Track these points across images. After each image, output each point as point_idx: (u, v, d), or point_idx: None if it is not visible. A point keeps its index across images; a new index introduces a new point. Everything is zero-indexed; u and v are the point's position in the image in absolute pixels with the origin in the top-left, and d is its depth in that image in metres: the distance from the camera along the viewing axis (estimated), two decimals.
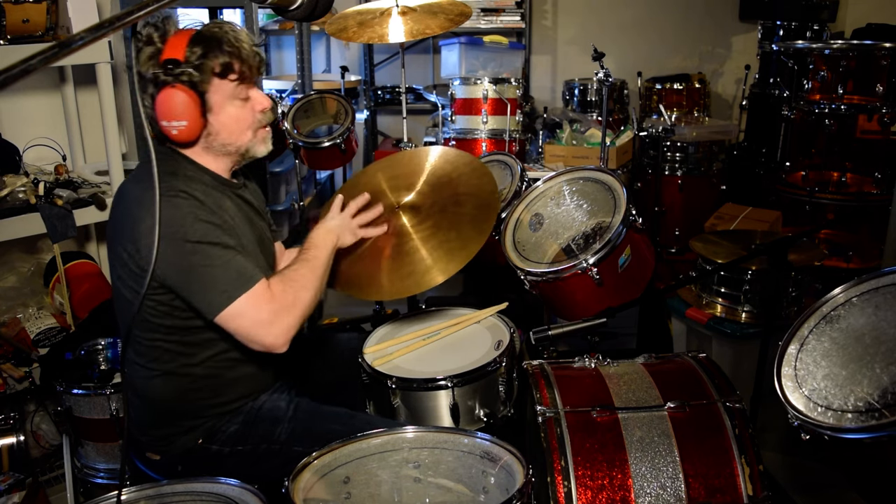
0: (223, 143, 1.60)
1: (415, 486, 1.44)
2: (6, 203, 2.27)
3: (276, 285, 1.55)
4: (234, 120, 1.58)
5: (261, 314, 1.50)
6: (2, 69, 0.72)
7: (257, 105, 1.62)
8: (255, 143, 1.65)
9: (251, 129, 1.62)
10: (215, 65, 1.51)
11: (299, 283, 1.58)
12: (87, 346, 2.25)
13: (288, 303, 1.54)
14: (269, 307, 1.51)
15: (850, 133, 3.42)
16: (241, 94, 1.58)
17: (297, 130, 3.00)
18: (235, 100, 1.57)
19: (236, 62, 1.53)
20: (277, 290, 1.54)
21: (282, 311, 1.52)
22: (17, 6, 2.25)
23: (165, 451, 1.65)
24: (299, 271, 1.61)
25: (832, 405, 1.25)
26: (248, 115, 1.60)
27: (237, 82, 1.56)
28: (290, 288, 1.56)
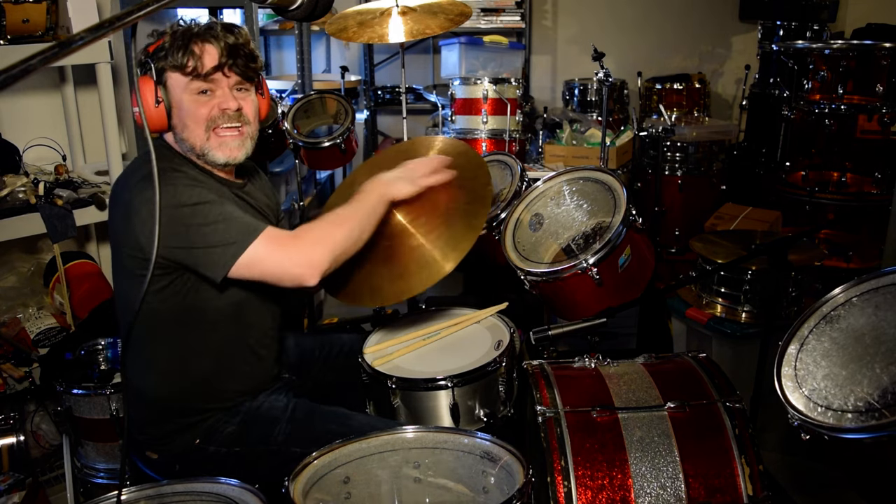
0: (182, 139, 1.61)
1: (415, 486, 1.44)
2: (6, 203, 2.27)
3: (300, 229, 1.56)
4: (188, 114, 1.58)
5: (280, 252, 1.50)
6: (2, 69, 0.72)
7: (219, 104, 1.59)
8: (209, 147, 1.60)
9: (203, 125, 1.58)
10: (171, 59, 1.55)
11: (329, 220, 1.58)
12: (87, 346, 2.25)
13: (313, 238, 1.53)
14: (289, 243, 1.51)
15: (850, 133, 3.42)
16: (197, 89, 1.57)
17: (297, 130, 3.00)
18: (191, 94, 1.57)
19: (189, 58, 1.54)
20: (301, 230, 1.55)
21: (305, 245, 1.52)
22: (17, 6, 2.25)
23: (163, 450, 1.66)
24: (334, 212, 1.61)
25: (832, 405, 1.25)
26: (203, 111, 1.57)
27: (190, 77, 1.56)
28: (318, 225, 1.56)
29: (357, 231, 1.60)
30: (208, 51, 1.55)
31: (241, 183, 1.73)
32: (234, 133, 1.61)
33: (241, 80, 1.61)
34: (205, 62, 1.55)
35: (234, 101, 1.60)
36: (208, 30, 1.56)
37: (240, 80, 1.61)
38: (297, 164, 3.19)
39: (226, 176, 1.69)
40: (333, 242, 1.54)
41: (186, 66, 1.55)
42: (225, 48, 1.56)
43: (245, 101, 1.62)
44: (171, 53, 1.54)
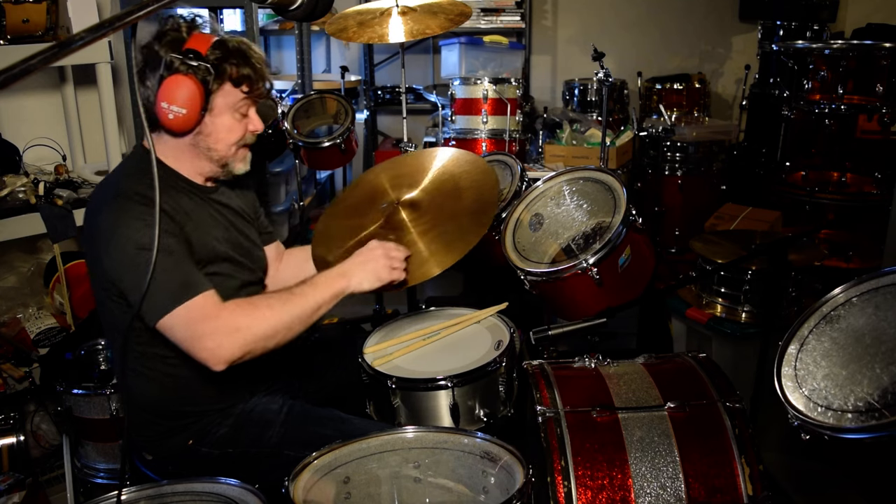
0: (209, 147, 1.61)
1: (415, 486, 1.44)
2: (6, 203, 2.27)
3: (231, 306, 1.49)
4: (227, 129, 1.59)
5: (196, 329, 1.45)
6: (2, 69, 0.72)
7: (251, 125, 1.64)
8: (235, 159, 1.65)
9: (237, 144, 1.63)
10: (233, 71, 1.54)
11: (260, 312, 1.49)
12: (87, 346, 2.26)
13: (232, 326, 1.45)
14: (208, 324, 1.45)
15: (850, 133, 3.42)
16: (242, 109, 1.60)
17: (297, 130, 3.00)
18: (236, 112, 1.59)
19: (254, 78, 1.57)
20: (228, 309, 1.47)
21: (221, 331, 1.44)
22: (17, 6, 2.26)
23: (157, 451, 1.66)
24: (271, 301, 1.52)
25: (832, 405, 1.25)
26: (239, 130, 1.62)
27: (245, 96, 1.58)
28: (243, 312, 1.48)
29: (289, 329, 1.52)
30: (266, 75, 1.60)
31: (213, 188, 1.72)
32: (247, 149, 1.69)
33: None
34: (263, 86, 1.59)
35: (262, 123, 1.66)
36: (250, 48, 1.58)
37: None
38: (297, 164, 3.19)
39: (200, 181, 1.69)
40: (252, 337, 1.47)
41: (252, 85, 1.57)
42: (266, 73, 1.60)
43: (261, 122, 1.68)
44: (231, 65, 1.53)
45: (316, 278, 1.60)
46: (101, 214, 1.51)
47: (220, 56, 1.52)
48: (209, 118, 1.57)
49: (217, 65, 1.52)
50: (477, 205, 1.89)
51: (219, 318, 1.46)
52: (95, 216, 1.53)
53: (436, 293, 3.92)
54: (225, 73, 1.54)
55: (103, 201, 1.53)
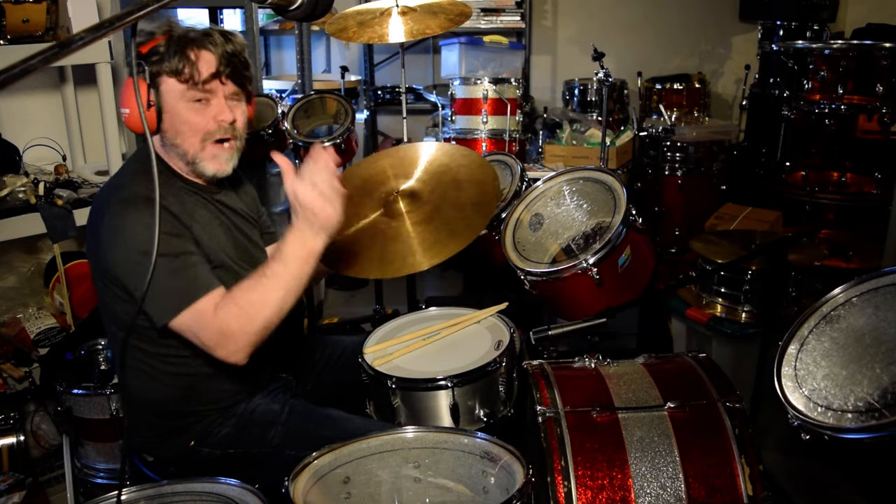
0: (173, 143, 1.59)
1: (415, 486, 1.44)
2: (6, 203, 2.27)
3: (220, 310, 1.46)
4: (183, 122, 1.56)
5: (202, 336, 1.46)
6: (2, 69, 0.72)
7: (216, 115, 1.58)
8: (203, 157, 1.59)
9: (199, 136, 1.58)
10: (168, 64, 1.52)
11: (242, 309, 1.46)
12: (87, 346, 2.26)
13: (229, 331, 1.45)
14: (211, 331, 1.46)
15: (850, 133, 3.42)
16: (193, 97, 1.55)
17: (297, 130, 3.00)
18: (187, 101, 1.55)
19: (186, 65, 1.52)
20: (220, 315, 1.46)
21: (226, 337, 1.45)
22: (17, 6, 2.25)
23: (158, 452, 1.66)
24: (249, 295, 1.46)
25: (832, 405, 1.25)
26: (199, 120, 1.57)
27: (187, 84, 1.54)
28: (231, 314, 1.45)
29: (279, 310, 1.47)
30: (205, 58, 1.54)
31: (216, 189, 1.71)
32: (226, 147, 1.62)
33: (235, 88, 1.60)
34: (201, 70, 1.54)
35: (230, 112, 1.59)
36: (206, 36, 1.55)
37: (235, 89, 1.60)
38: (297, 165, 3.19)
39: (203, 182, 1.68)
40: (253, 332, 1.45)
41: (183, 72, 1.53)
42: (222, 56, 1.55)
43: (238, 111, 1.62)
44: (166, 57, 1.52)
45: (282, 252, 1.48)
46: (106, 217, 1.51)
47: (161, 52, 1.53)
48: (167, 116, 1.56)
49: (156, 60, 1.52)
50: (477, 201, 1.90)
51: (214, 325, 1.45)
52: (100, 218, 1.53)
53: (436, 293, 3.92)
54: (162, 66, 1.53)
55: (108, 203, 1.53)
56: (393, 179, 2.05)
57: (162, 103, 1.55)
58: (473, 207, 1.91)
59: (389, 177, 2.06)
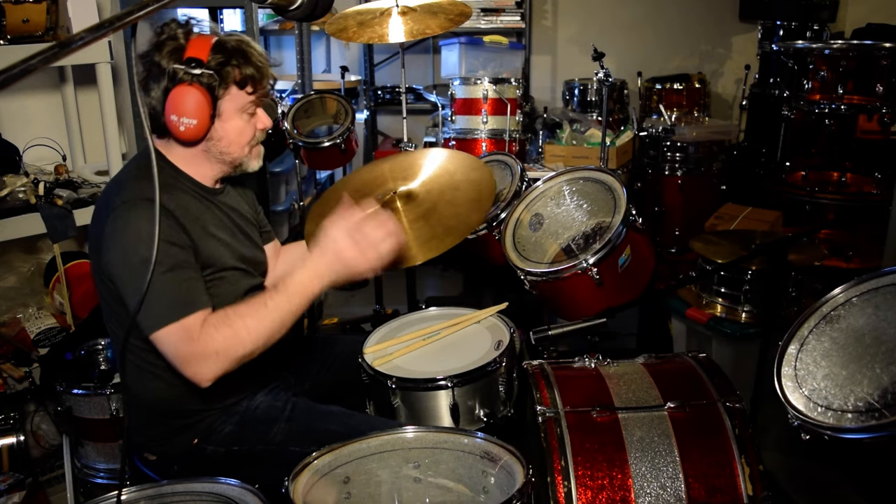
0: (221, 151, 1.61)
1: (415, 486, 1.44)
2: (6, 203, 2.27)
3: (208, 328, 1.45)
4: (237, 131, 1.60)
5: (180, 350, 1.45)
6: (2, 69, 0.72)
7: (259, 123, 1.64)
8: (249, 157, 1.67)
9: (249, 144, 1.64)
10: (237, 74, 1.53)
11: (235, 334, 1.46)
12: (87, 346, 2.25)
13: (211, 351, 1.44)
14: (190, 348, 1.44)
15: (850, 133, 3.42)
16: (250, 110, 1.60)
17: (297, 130, 3.00)
18: (244, 113, 1.59)
19: (258, 77, 1.56)
20: (206, 333, 1.44)
21: (203, 357, 1.44)
22: (17, 6, 2.25)
23: (161, 451, 1.66)
24: (244, 322, 1.46)
25: (832, 405, 1.25)
26: (250, 130, 1.62)
27: (252, 96, 1.58)
28: (220, 336, 1.45)
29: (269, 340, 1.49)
30: (268, 73, 1.59)
31: (220, 189, 1.72)
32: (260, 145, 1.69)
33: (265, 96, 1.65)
34: (266, 83, 1.58)
35: (269, 119, 1.66)
36: (250, 45, 1.56)
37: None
38: (297, 164, 3.19)
39: (209, 184, 1.68)
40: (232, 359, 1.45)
41: (255, 85, 1.56)
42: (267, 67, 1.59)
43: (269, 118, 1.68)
44: (233, 67, 1.52)
45: (288, 286, 1.51)
46: (108, 220, 1.50)
47: (221, 60, 1.51)
48: (219, 123, 1.57)
49: (219, 69, 1.51)
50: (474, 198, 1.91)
51: (198, 343, 1.44)
52: (103, 219, 1.52)
53: (436, 293, 3.92)
54: (229, 77, 1.53)
55: (111, 206, 1.52)
56: (391, 182, 2.06)
57: (220, 110, 1.55)
58: (470, 205, 1.92)
59: (388, 179, 2.07)
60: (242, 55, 1.54)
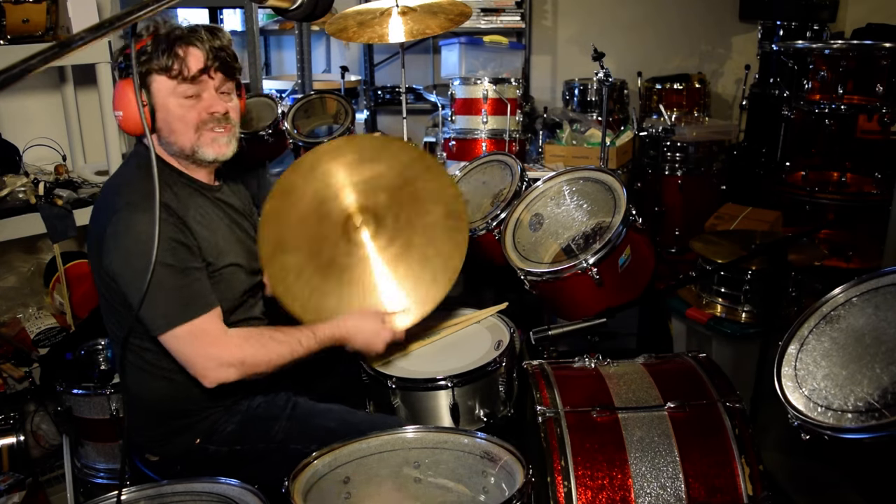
0: (170, 142, 1.60)
1: (415, 486, 1.44)
2: (6, 203, 2.27)
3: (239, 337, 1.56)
4: (176, 118, 1.58)
5: (199, 348, 1.50)
6: (2, 69, 0.72)
7: (207, 107, 1.59)
8: (200, 144, 1.60)
9: (192, 128, 1.59)
10: (156, 62, 1.53)
11: (265, 352, 1.57)
12: (87, 346, 2.25)
13: (237, 358, 1.53)
14: (212, 348, 1.51)
15: (850, 133, 3.41)
16: (184, 92, 1.56)
17: (297, 130, 3.00)
18: (178, 97, 1.56)
19: (175, 61, 1.53)
20: (235, 340, 1.54)
21: (225, 360, 1.52)
22: (17, 6, 2.25)
23: (163, 452, 1.65)
24: (280, 347, 1.59)
25: (832, 405, 1.25)
26: (192, 115, 1.58)
27: (177, 80, 1.54)
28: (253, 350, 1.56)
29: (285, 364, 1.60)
30: (193, 53, 1.55)
31: (217, 186, 1.73)
32: (223, 131, 1.63)
33: (225, 81, 1.62)
34: (190, 65, 1.55)
35: (222, 104, 1.61)
36: (192, 33, 1.56)
37: (224, 82, 1.62)
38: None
39: (206, 180, 1.69)
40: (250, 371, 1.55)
41: (172, 69, 1.53)
42: (210, 51, 1.57)
43: (230, 103, 1.64)
44: (155, 56, 1.53)
45: (320, 331, 1.66)
46: (110, 222, 1.50)
47: (148, 52, 1.53)
48: (161, 114, 1.57)
49: (144, 61, 1.53)
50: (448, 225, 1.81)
51: (225, 347, 1.52)
52: (104, 222, 1.52)
53: None
54: (150, 66, 1.53)
55: (113, 207, 1.52)
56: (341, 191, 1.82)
57: (154, 102, 1.56)
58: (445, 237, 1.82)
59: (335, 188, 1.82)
60: (166, 41, 1.53)
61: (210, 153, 1.62)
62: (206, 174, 1.69)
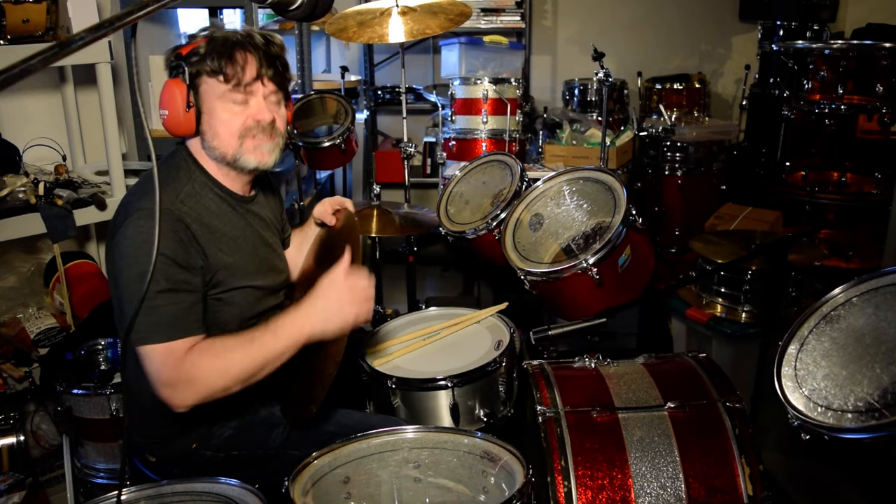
0: (211, 146, 1.57)
1: (415, 486, 1.44)
2: (6, 203, 2.27)
3: (194, 355, 1.43)
4: (221, 122, 1.55)
5: (161, 372, 1.42)
6: (2, 69, 0.72)
7: (254, 114, 1.56)
8: (242, 152, 1.57)
9: (237, 135, 1.56)
10: (210, 65, 1.51)
11: (218, 365, 1.43)
12: (87, 346, 2.25)
13: (190, 377, 1.41)
14: (171, 372, 1.42)
15: (850, 133, 3.41)
16: (234, 98, 1.53)
17: (297, 130, 3.00)
18: (226, 102, 1.53)
19: (229, 65, 1.51)
20: (189, 359, 1.42)
21: (182, 382, 1.41)
22: (17, 6, 2.25)
23: (162, 453, 1.65)
24: (229, 355, 1.43)
25: (832, 405, 1.25)
26: (237, 120, 1.55)
27: (229, 85, 1.52)
28: (204, 364, 1.42)
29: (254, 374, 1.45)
30: (249, 60, 1.53)
31: (251, 196, 1.69)
32: (267, 138, 1.59)
33: (276, 90, 1.59)
34: (245, 71, 1.52)
35: (269, 112, 1.57)
36: (248, 38, 1.54)
37: (275, 91, 1.58)
38: (298, 164, 3.19)
39: (241, 191, 1.65)
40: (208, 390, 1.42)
41: (227, 73, 1.51)
42: (264, 57, 1.54)
43: (277, 113, 1.60)
44: (209, 58, 1.50)
45: (278, 326, 1.46)
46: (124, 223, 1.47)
47: (201, 53, 1.51)
48: (206, 117, 1.54)
49: (196, 62, 1.51)
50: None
51: (180, 368, 1.42)
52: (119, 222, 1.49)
53: (436, 293, 3.92)
54: (203, 67, 1.51)
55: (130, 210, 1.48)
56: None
57: (201, 104, 1.53)
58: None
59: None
60: (220, 45, 1.51)
61: (252, 161, 1.58)
62: (243, 184, 1.65)
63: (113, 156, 2.53)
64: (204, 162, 1.60)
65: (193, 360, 1.42)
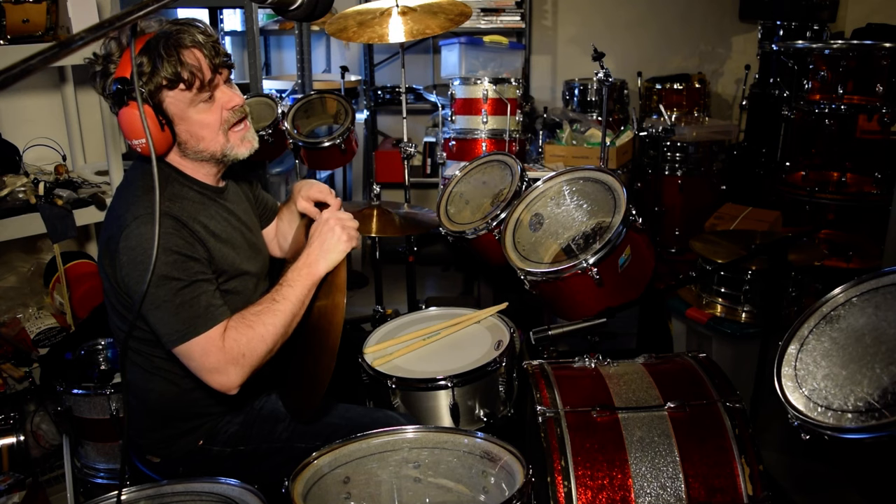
0: (196, 151, 1.56)
1: (415, 486, 1.44)
2: (6, 203, 2.27)
3: (231, 333, 1.47)
4: (202, 125, 1.52)
5: (208, 362, 1.45)
6: (2, 69, 0.72)
7: (225, 104, 1.54)
8: (231, 145, 1.57)
9: (221, 130, 1.55)
10: (162, 78, 1.45)
11: (256, 333, 1.48)
12: (87, 346, 2.25)
13: (237, 354, 1.46)
14: (217, 357, 1.45)
15: (850, 133, 3.41)
16: (202, 98, 1.51)
17: (297, 130, 3.00)
18: (197, 105, 1.51)
19: (184, 71, 1.45)
20: (230, 338, 1.46)
21: (230, 363, 1.45)
22: (17, 6, 2.25)
23: (166, 453, 1.65)
24: (261, 319, 1.49)
25: (832, 405, 1.25)
26: (214, 118, 1.53)
27: (192, 90, 1.48)
28: (244, 338, 1.47)
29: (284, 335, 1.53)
30: (198, 57, 1.49)
31: (222, 187, 1.68)
32: (244, 126, 1.60)
33: (228, 72, 1.57)
34: (203, 69, 1.48)
35: (235, 95, 1.56)
36: (182, 34, 1.48)
37: (228, 74, 1.56)
38: (297, 164, 3.19)
39: (214, 182, 1.65)
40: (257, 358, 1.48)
41: (186, 79, 1.46)
42: (209, 48, 1.50)
43: (237, 92, 1.59)
44: (160, 70, 1.44)
45: (290, 278, 1.55)
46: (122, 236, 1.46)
47: (148, 71, 1.44)
48: (183, 127, 1.51)
49: (148, 80, 1.44)
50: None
51: (224, 351, 1.45)
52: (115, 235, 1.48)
53: (436, 293, 3.92)
54: (158, 82, 1.45)
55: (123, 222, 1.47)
56: None
57: (171, 117, 1.50)
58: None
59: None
60: (167, 52, 1.44)
61: (244, 151, 1.60)
62: (213, 177, 1.64)
63: (113, 156, 2.53)
64: (176, 163, 1.59)
65: (233, 338, 1.47)
